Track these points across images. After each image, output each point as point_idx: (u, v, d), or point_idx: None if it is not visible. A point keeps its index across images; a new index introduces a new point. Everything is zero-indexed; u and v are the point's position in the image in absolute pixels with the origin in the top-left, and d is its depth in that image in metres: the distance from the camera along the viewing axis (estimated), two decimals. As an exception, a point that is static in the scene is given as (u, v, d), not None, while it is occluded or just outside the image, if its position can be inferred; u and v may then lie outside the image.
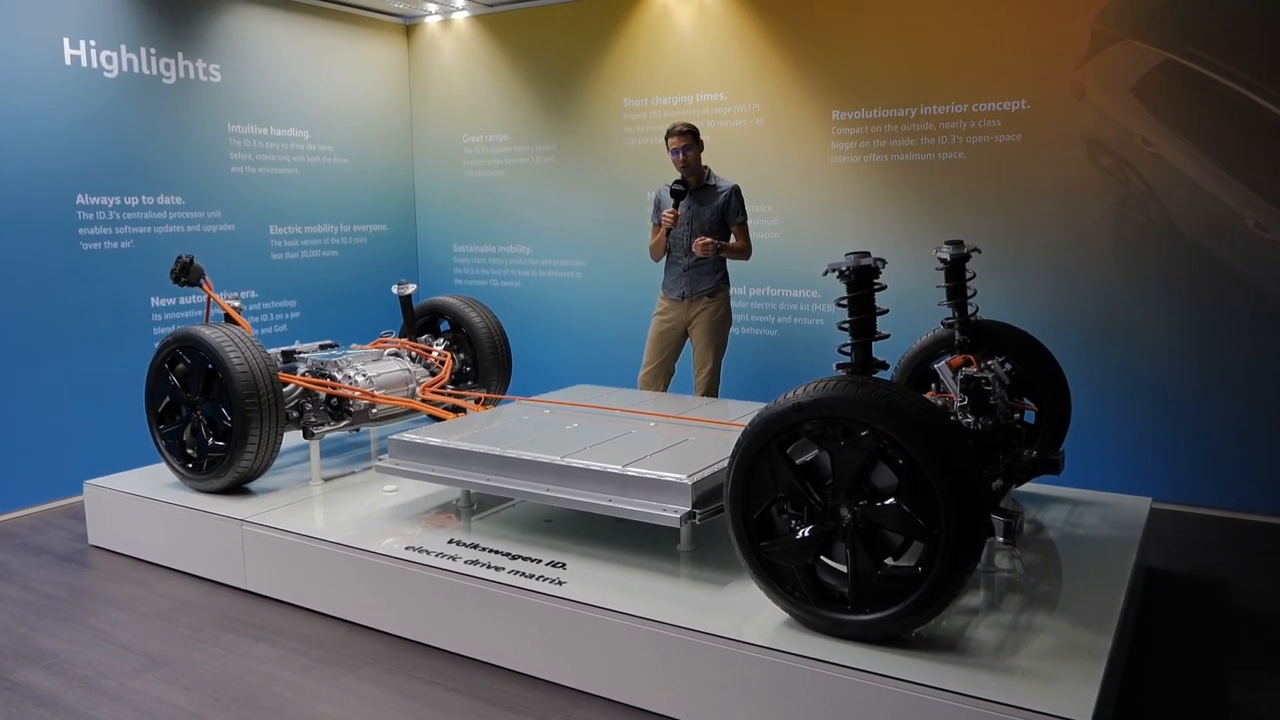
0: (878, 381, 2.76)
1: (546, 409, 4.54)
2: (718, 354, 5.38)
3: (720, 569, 3.43)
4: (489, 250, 7.20)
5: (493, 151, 7.06)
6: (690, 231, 5.26)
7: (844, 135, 5.72)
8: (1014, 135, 5.23)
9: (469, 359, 5.63)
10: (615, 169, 6.56)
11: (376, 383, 4.88)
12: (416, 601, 3.57)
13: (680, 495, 3.31)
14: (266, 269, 6.35)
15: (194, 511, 4.23)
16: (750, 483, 2.94)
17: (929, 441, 2.62)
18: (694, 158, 5.19)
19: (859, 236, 5.68)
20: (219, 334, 4.30)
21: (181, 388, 4.46)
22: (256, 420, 4.21)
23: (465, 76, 7.11)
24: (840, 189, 5.77)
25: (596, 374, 6.53)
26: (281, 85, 6.38)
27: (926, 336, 4.30)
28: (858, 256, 2.96)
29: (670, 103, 6.28)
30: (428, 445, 3.94)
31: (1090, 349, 5.11)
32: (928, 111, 5.45)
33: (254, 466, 4.31)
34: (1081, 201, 5.10)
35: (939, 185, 5.47)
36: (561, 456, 3.62)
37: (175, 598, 4.06)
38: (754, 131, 6.00)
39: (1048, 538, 3.78)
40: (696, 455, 3.62)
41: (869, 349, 2.98)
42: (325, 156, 6.71)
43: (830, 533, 2.83)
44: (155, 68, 5.63)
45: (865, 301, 2.98)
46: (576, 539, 3.76)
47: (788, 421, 2.83)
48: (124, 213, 5.51)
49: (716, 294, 5.33)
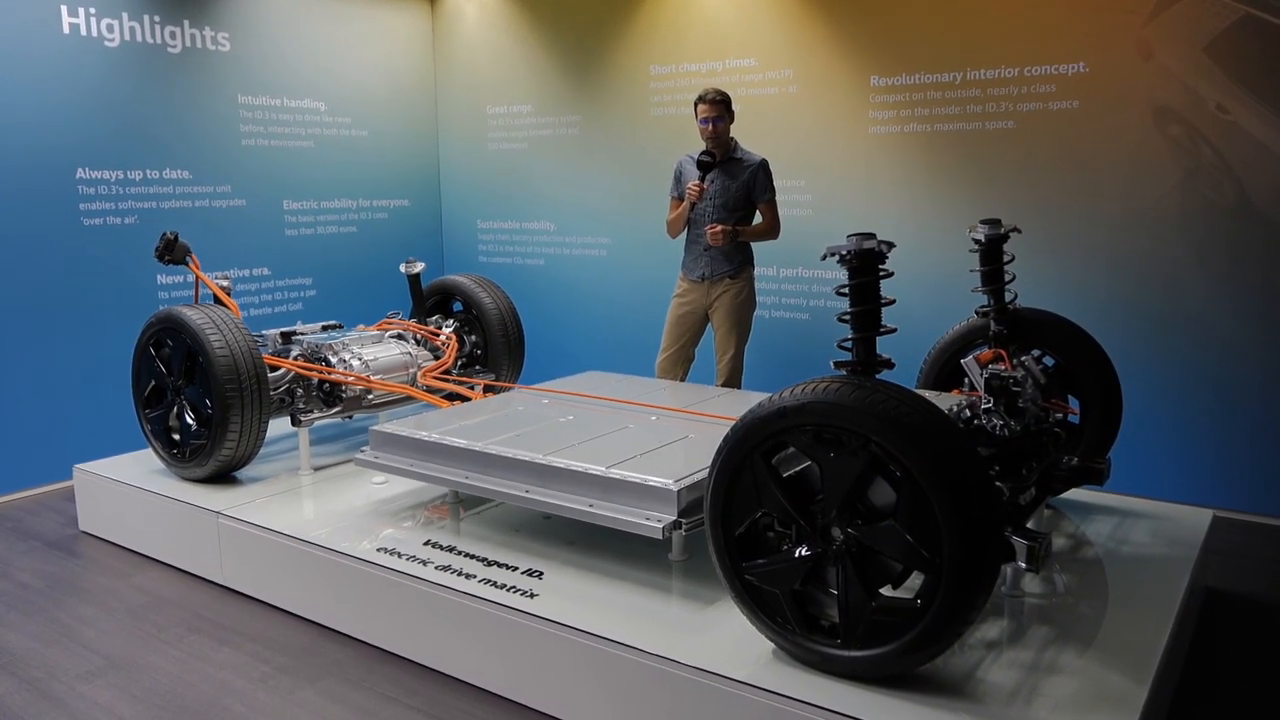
0: (877, 384, 2.39)
1: (545, 399, 4.23)
2: (740, 339, 5.01)
3: (714, 582, 3.09)
4: (513, 226, 6.91)
5: (517, 123, 6.75)
6: (714, 207, 4.89)
7: (883, 103, 5.26)
8: (1071, 102, 4.73)
9: (480, 341, 5.36)
10: (642, 140, 6.20)
11: (373, 367, 4.63)
12: (383, 609, 3.31)
13: (666, 502, 2.99)
14: (280, 246, 6.15)
15: (172, 501, 4.04)
16: (732, 496, 2.59)
17: (931, 456, 2.25)
18: (724, 129, 4.83)
19: (899, 214, 5.25)
20: (201, 315, 4.08)
21: (166, 371, 4.27)
22: (237, 407, 3.99)
23: (489, 44, 6.80)
24: (879, 162, 5.32)
25: (618, 357, 6.22)
26: (295, 54, 6.15)
27: (959, 326, 3.89)
28: (860, 239, 2.58)
29: (699, 69, 5.88)
30: (406, 437, 3.67)
31: (1147, 340, 4.62)
32: (975, 76, 4.97)
33: (236, 455, 4.10)
34: (1145, 175, 4.58)
35: (987, 157, 4.99)
36: (543, 455, 3.31)
37: (150, 592, 3.88)
38: (786, 100, 5.58)
39: (1090, 555, 3.36)
40: (691, 456, 3.28)
41: (872, 345, 2.61)
42: (343, 129, 6.47)
43: (820, 555, 2.47)
44: (159, 36, 5.43)
45: (868, 290, 2.59)
46: (562, 542, 3.47)
47: (773, 428, 2.48)
48: (127, 187, 5.34)
49: (739, 275, 4.96)
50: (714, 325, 5.05)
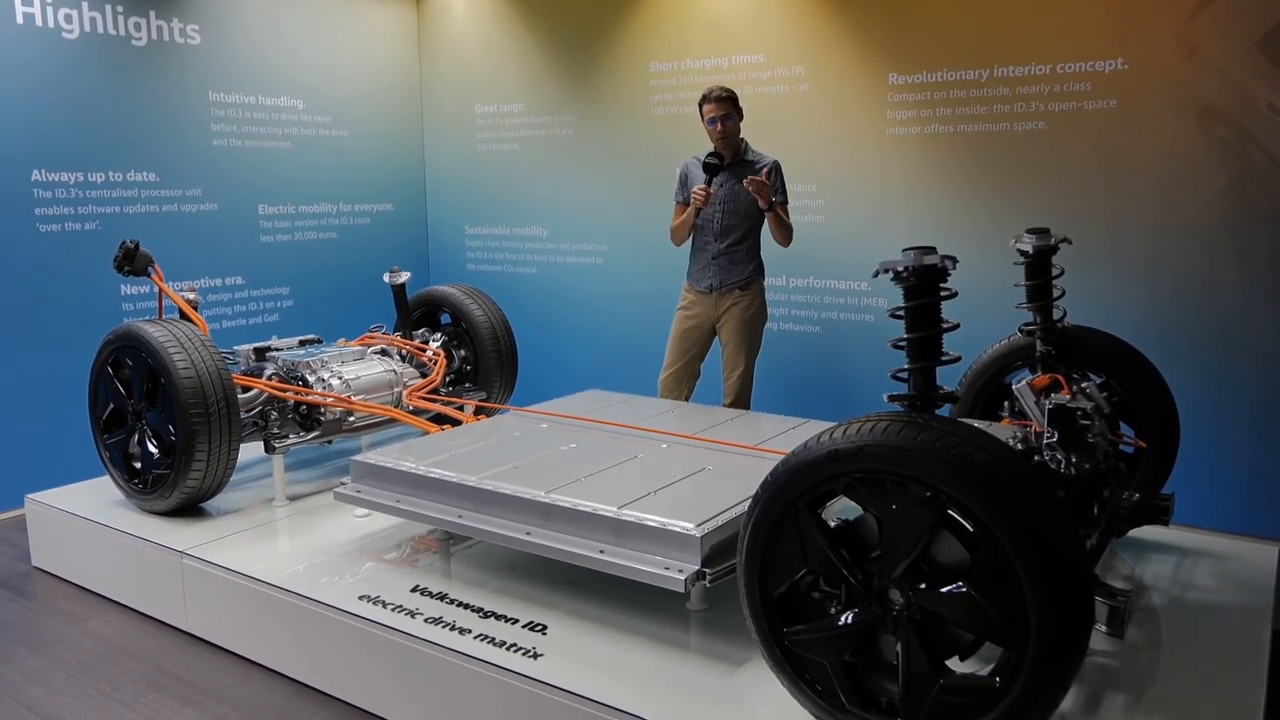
0: (945, 423, 2.04)
1: (543, 423, 3.87)
2: (750, 356, 4.67)
3: (740, 639, 2.74)
4: (503, 233, 6.54)
5: (507, 123, 6.38)
6: (723, 213, 4.55)
7: (902, 102, 4.93)
8: (1107, 101, 4.42)
9: (470, 357, 4.99)
10: (641, 141, 5.85)
11: (355, 387, 4.26)
12: (367, 666, 2.94)
13: (687, 549, 2.63)
14: (255, 253, 5.76)
15: (130, 538, 3.65)
16: (771, 551, 2.24)
17: (1015, 510, 1.90)
18: (733, 128, 4.48)
19: (918, 221, 4.92)
20: (163, 332, 3.70)
21: (125, 393, 3.88)
22: (204, 434, 3.60)
23: (478, 38, 6.44)
24: (897, 165, 4.99)
25: (617, 373, 5.86)
26: (271, 49, 5.76)
27: (1000, 344, 3.56)
28: (919, 253, 2.24)
29: (703, 66, 5.54)
30: (390, 469, 3.31)
31: (1188, 357, 4.30)
32: (1003, 73, 4.64)
33: (203, 486, 3.72)
34: (1189, 180, 4.27)
35: (1015, 161, 4.67)
36: (546, 492, 2.96)
37: (107, 641, 3.48)
38: (798, 98, 5.24)
39: (1154, 602, 3.03)
40: (713, 493, 2.94)
41: (932, 376, 2.26)
42: (322, 128, 6.09)
43: (876, 621, 2.13)
44: (123, 27, 5.04)
45: (928, 314, 2.25)
46: (564, 583, 3.11)
47: (822, 474, 2.13)
48: (87, 190, 4.95)
49: (750, 286, 4.61)
50: (722, 340, 4.71)
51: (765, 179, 4.32)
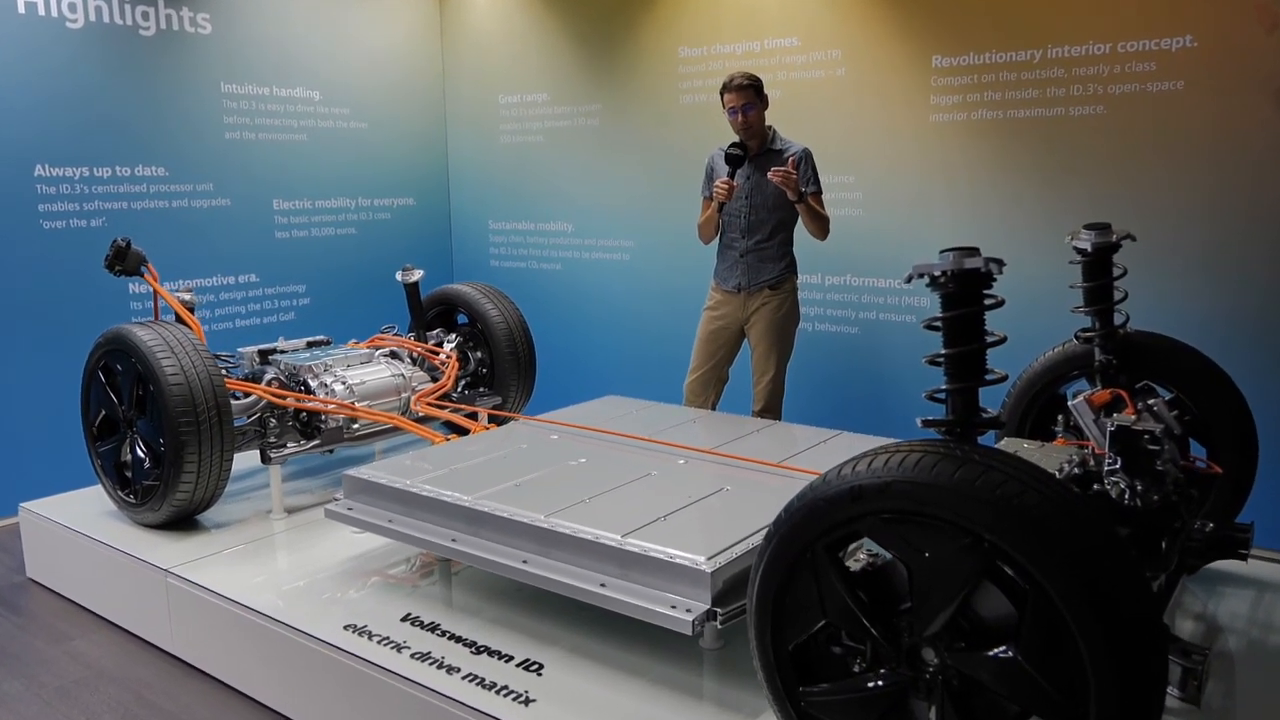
0: (987, 456, 1.74)
1: (554, 433, 3.61)
2: (781, 360, 4.36)
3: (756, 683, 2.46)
4: (527, 228, 6.28)
5: (531, 113, 6.12)
6: (750, 207, 4.25)
7: (947, 86, 4.58)
8: (1174, 83, 4.03)
9: (485, 359, 4.75)
10: (669, 132, 5.55)
11: (359, 392, 4.03)
12: (349, 701, 2.70)
13: (696, 585, 2.36)
14: (269, 250, 5.57)
15: (116, 553, 3.46)
16: (785, 598, 1.95)
17: (1072, 566, 1.60)
18: (756, 117, 4.18)
19: (963, 215, 4.57)
20: (152, 335, 3.50)
21: (116, 399, 3.69)
22: (193, 444, 3.40)
23: (501, 26, 6.18)
24: (941, 155, 4.64)
25: (643, 375, 5.59)
26: (286, 37, 5.56)
27: (1054, 351, 3.23)
28: (959, 255, 1.92)
29: (734, 51, 5.22)
30: (385, 485, 3.07)
31: (1266, 367, 3.91)
32: (1057, 53, 4.27)
33: (194, 499, 3.51)
34: (1264, 169, 3.87)
35: (1070, 150, 4.29)
36: (545, 515, 2.69)
37: (90, 663, 3.29)
38: (834, 84, 4.91)
39: (1227, 647, 2.68)
40: (730, 519, 2.66)
41: (973, 398, 1.95)
42: (340, 120, 5.88)
43: (906, 685, 1.83)
44: (130, 17, 4.86)
45: (969, 325, 1.94)
46: (568, 619, 2.84)
47: (842, 514, 1.83)
48: (93, 186, 4.78)
49: (781, 285, 4.30)
50: (751, 343, 4.40)
51: (793, 168, 4.01)
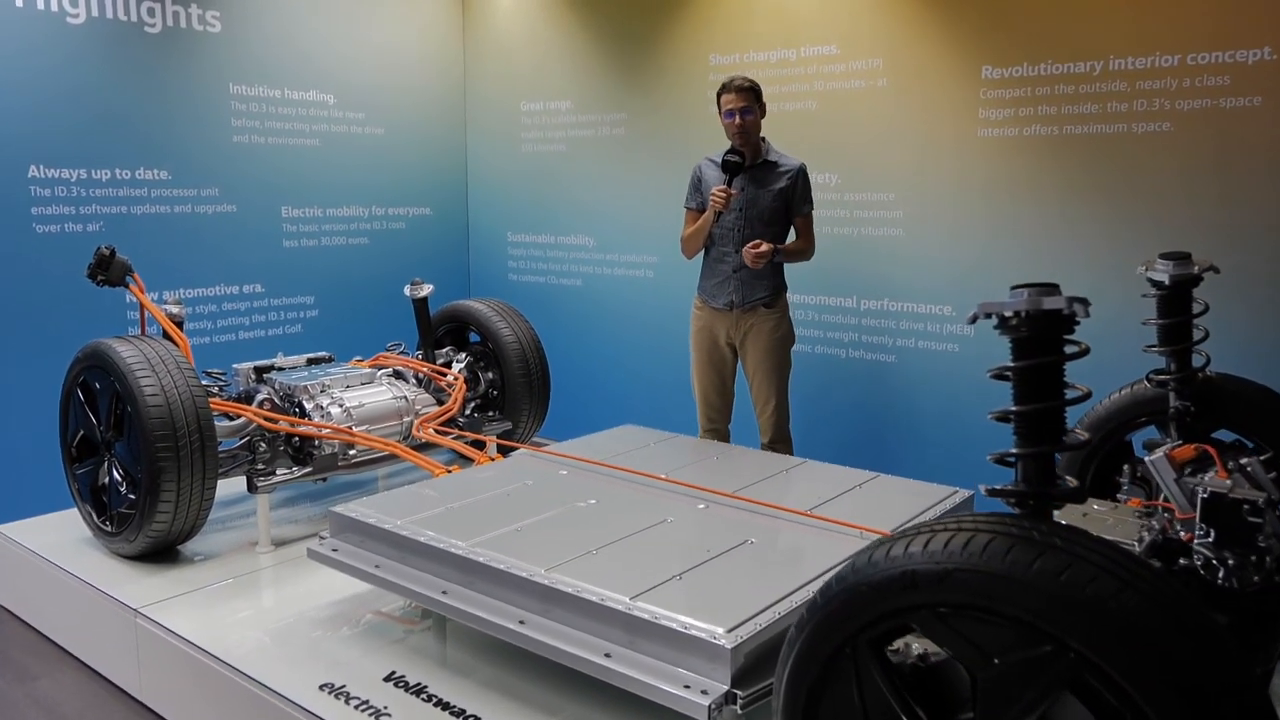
0: (1072, 538, 1.42)
1: (564, 468, 3.31)
2: (783, 385, 4.08)
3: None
4: (547, 240, 6.01)
5: (554, 121, 5.85)
6: (744, 220, 3.97)
7: (997, 99, 4.25)
8: (1249, 99, 3.68)
9: (497, 380, 4.47)
10: (698, 143, 5.22)
11: (357, 415, 3.76)
12: (323, 776, 2.41)
13: (714, 662, 2.05)
14: (277, 258, 5.32)
15: (85, 586, 3.20)
16: (821, 700, 1.64)
17: (1192, 699, 1.27)
18: (753, 123, 3.94)
19: (1013, 239, 4.24)
20: (132, 351, 3.25)
21: (95, 419, 3.44)
22: (172, 470, 3.13)
23: (524, 30, 5.92)
24: (989, 172, 4.31)
25: (663, 402, 5.29)
26: (300, 37, 5.32)
27: (1119, 394, 2.89)
28: (1036, 293, 1.61)
29: (768, 59, 4.92)
30: (373, 526, 2.78)
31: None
32: (1119, 65, 3.94)
33: (172, 530, 3.25)
34: (1352, 194, 3.53)
35: (1133, 170, 3.95)
36: (546, 569, 2.40)
37: (51, 708, 3.03)
38: (875, 95, 4.59)
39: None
40: (754, 581, 2.35)
41: (1050, 465, 1.63)
42: (355, 125, 5.64)
43: (965, 813, 1.51)
44: (135, 13, 4.64)
45: (1048, 378, 1.62)
46: (573, 685, 2.54)
47: (892, 604, 1.52)
48: (91, 188, 4.55)
49: (775, 302, 4.03)
50: (747, 368, 4.12)
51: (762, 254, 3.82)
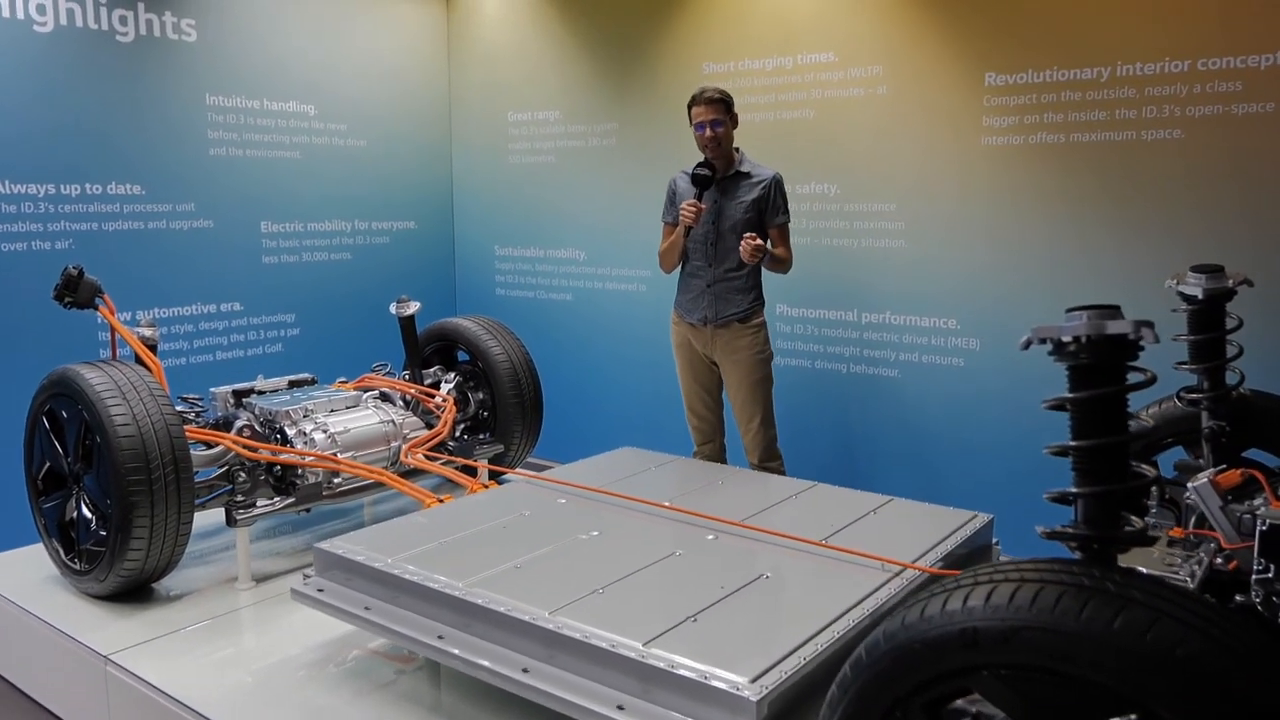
0: (1151, 591, 1.27)
1: (562, 496, 3.15)
2: (767, 401, 3.98)
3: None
4: (535, 254, 5.84)
5: (542, 132, 5.70)
6: (715, 234, 3.85)
7: (1001, 107, 4.13)
8: (1263, 104, 3.58)
9: (487, 401, 4.30)
10: (690, 154, 5.06)
11: (342, 441, 3.58)
12: (309, 840, 2.23)
13: (738, 715, 1.89)
14: (256, 275, 5.14)
15: (53, 631, 2.99)
16: (865, 768, 1.48)
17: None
18: (725, 135, 3.87)
19: (1019, 249, 4.11)
20: (101, 378, 3.06)
21: (61, 450, 3.24)
22: (144, 505, 2.94)
23: (511, 38, 5.77)
24: (994, 181, 4.19)
25: (660, 420, 5.13)
26: (279, 47, 5.15)
27: (1149, 411, 2.76)
28: (1097, 317, 1.46)
29: (762, 67, 4.79)
30: (361, 564, 2.60)
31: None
32: (1128, 71, 3.83)
33: (145, 568, 3.05)
34: (1372, 202, 3.42)
35: (1143, 179, 3.84)
36: (549, 612, 2.23)
37: (16, 761, 2.83)
38: (875, 103, 4.47)
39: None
40: (775, 621, 2.20)
41: (1115, 508, 1.48)
42: (337, 137, 5.46)
43: None
44: (106, 21, 4.45)
45: (1111, 410, 1.47)
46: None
47: (948, 664, 1.36)
48: (60, 204, 4.36)
49: (751, 318, 3.92)
50: (728, 387, 4.02)
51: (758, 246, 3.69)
